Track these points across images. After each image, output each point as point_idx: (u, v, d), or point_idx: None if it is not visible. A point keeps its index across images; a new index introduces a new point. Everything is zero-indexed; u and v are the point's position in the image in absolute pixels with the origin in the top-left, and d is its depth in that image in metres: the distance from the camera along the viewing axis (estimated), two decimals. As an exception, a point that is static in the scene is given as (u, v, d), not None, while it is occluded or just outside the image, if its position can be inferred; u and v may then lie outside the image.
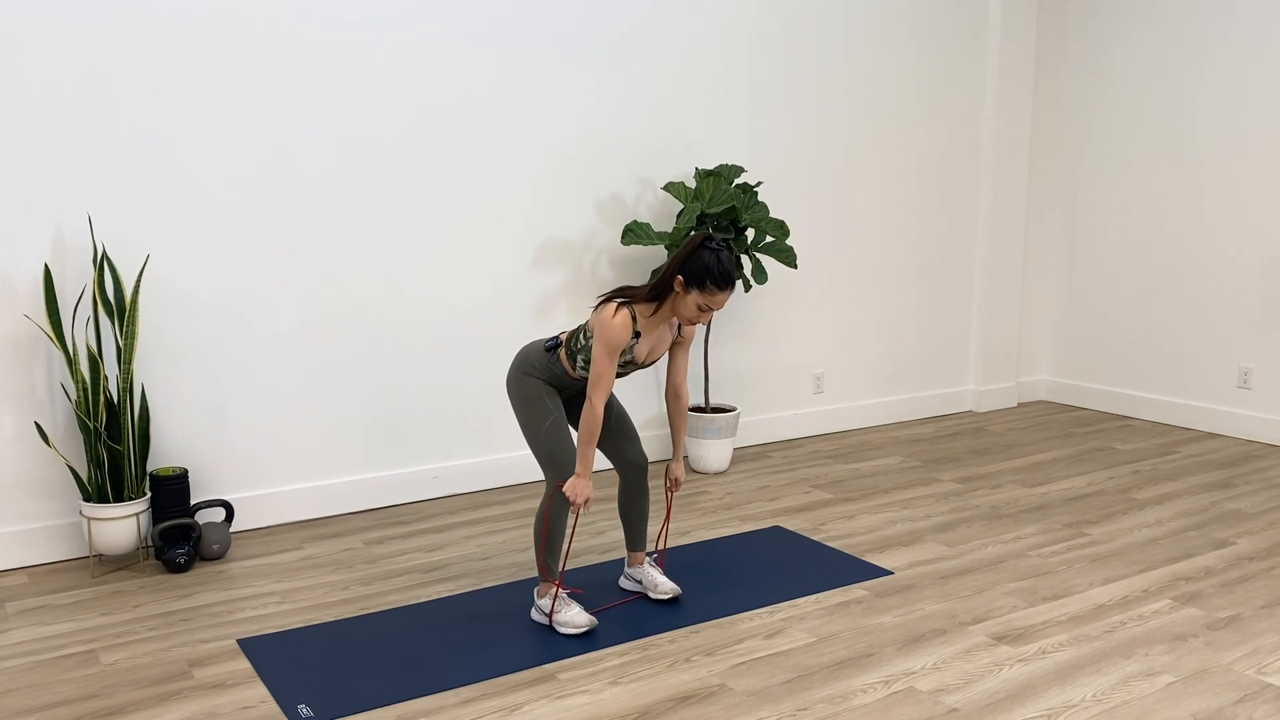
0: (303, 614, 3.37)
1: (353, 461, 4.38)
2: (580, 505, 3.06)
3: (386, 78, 4.24)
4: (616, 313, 3.00)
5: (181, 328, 3.96)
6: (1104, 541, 4.01)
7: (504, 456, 4.73)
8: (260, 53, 3.96)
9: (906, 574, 3.69)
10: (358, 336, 4.32)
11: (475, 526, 4.22)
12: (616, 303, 3.03)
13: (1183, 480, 4.82)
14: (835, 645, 3.13)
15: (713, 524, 4.25)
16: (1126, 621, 3.28)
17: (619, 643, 3.13)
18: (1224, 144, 5.52)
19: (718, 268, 2.97)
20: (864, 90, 5.55)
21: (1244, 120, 5.43)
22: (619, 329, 2.99)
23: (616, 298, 3.06)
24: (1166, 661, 3.01)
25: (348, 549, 3.97)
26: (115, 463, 3.68)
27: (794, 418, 5.60)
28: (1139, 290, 6.01)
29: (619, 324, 2.99)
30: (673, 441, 3.37)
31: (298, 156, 4.10)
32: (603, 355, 3.00)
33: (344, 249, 4.25)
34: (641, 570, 3.48)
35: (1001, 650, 3.08)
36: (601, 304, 3.06)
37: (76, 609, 3.41)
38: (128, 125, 3.77)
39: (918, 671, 2.95)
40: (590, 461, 3.06)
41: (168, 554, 3.70)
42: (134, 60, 3.75)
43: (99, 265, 3.65)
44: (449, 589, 3.57)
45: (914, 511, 4.39)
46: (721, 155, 5.13)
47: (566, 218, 4.76)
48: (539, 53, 4.57)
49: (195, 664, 3.02)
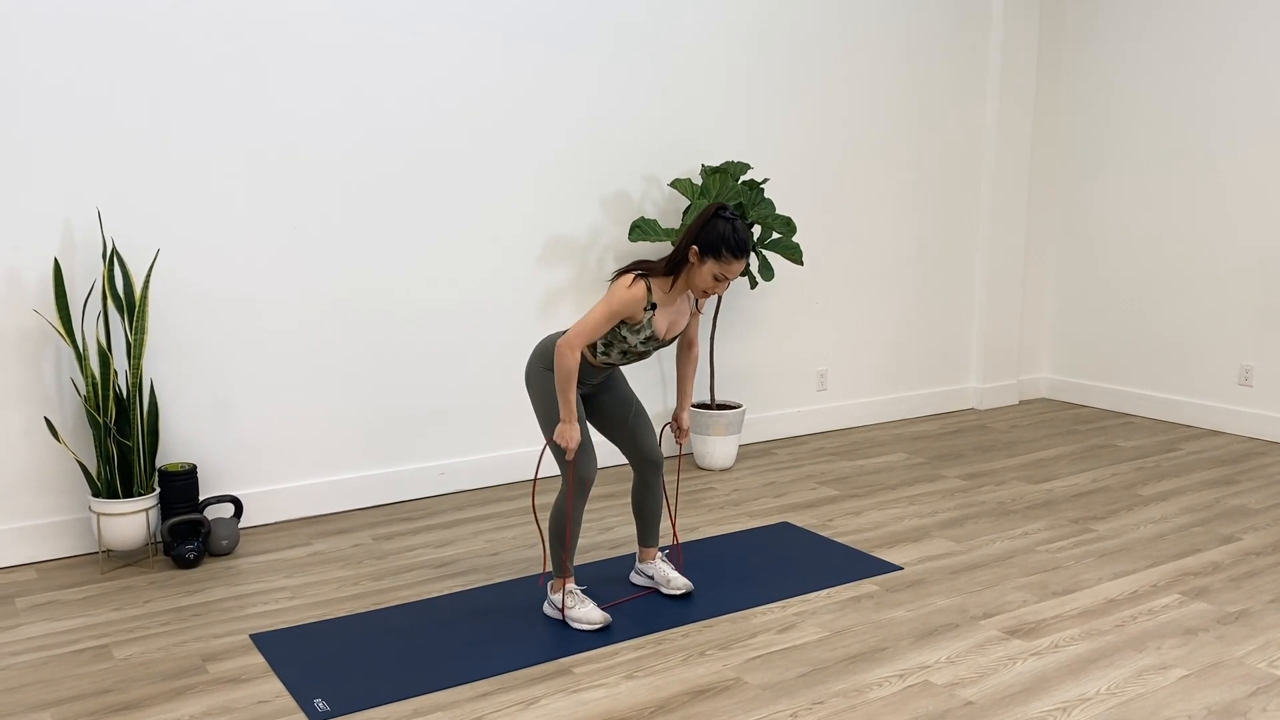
0: (314, 609, 3.37)
1: (360, 457, 4.38)
2: (572, 451, 3.05)
3: (392, 73, 4.23)
4: (633, 284, 3.00)
5: (190, 323, 3.96)
6: (1111, 537, 4.03)
7: (512, 452, 4.73)
8: (268, 48, 3.96)
9: (916, 569, 3.70)
10: (365, 332, 4.32)
11: (484, 522, 4.21)
12: (634, 275, 3.03)
13: (1186, 477, 4.84)
14: (848, 639, 3.14)
15: (720, 520, 4.25)
16: (1137, 616, 3.30)
17: (633, 637, 3.14)
18: (1225, 140, 5.55)
19: (733, 236, 2.97)
20: (868, 87, 5.56)
21: (1245, 118, 5.45)
22: (629, 298, 2.98)
23: (634, 270, 3.07)
24: (1178, 655, 3.03)
25: (356, 545, 3.96)
26: (124, 458, 3.67)
27: (798, 414, 5.61)
28: (1140, 288, 6.04)
29: (632, 294, 2.99)
30: (678, 390, 3.37)
31: (305, 151, 4.09)
32: (601, 314, 2.99)
33: (351, 243, 4.24)
34: (654, 565, 3.48)
35: (1014, 644, 3.09)
36: (618, 276, 3.07)
37: (87, 604, 3.40)
38: (136, 120, 3.76)
39: (932, 665, 2.96)
40: (573, 406, 3.04)
41: (177, 549, 3.70)
42: (142, 55, 3.74)
43: (109, 260, 3.64)
44: (460, 584, 3.57)
45: (921, 508, 4.40)
46: (727, 152, 5.14)
47: (572, 214, 4.76)
48: (541, 48, 4.57)
49: (209, 659, 3.02)
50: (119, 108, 3.72)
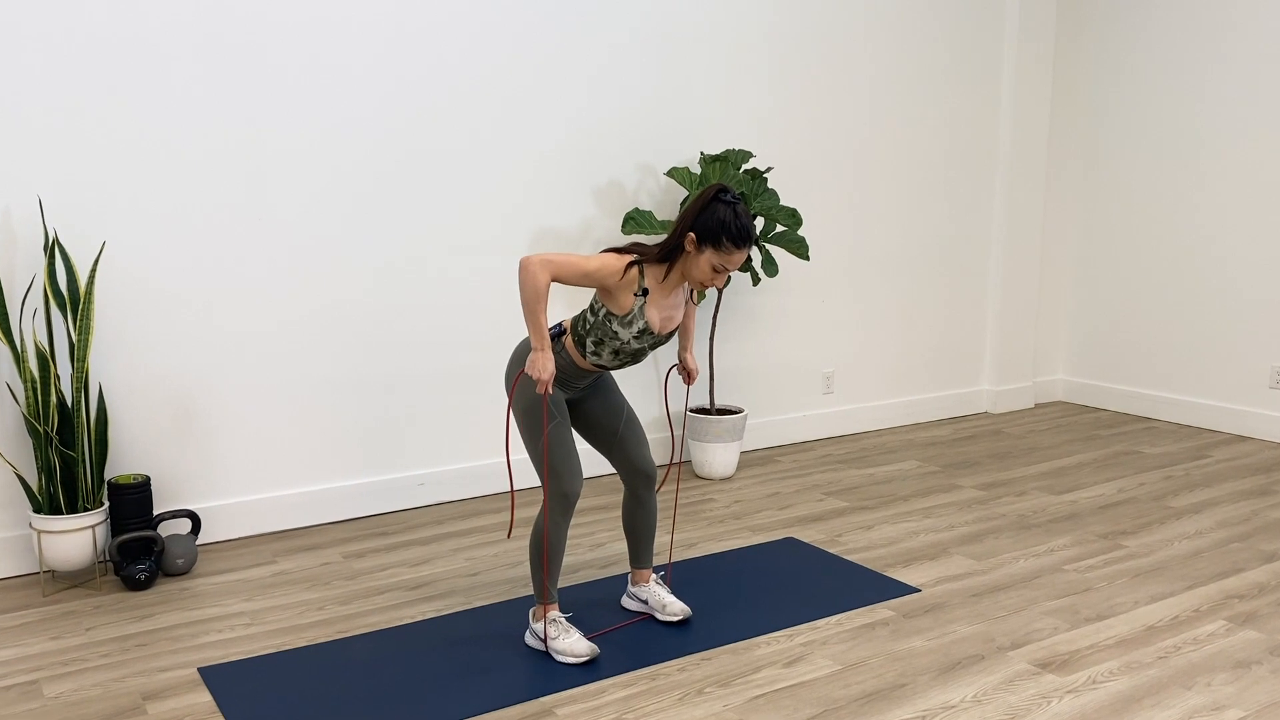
0: (274, 638, 3.05)
1: (331, 467, 4.05)
2: (547, 383, 2.69)
3: (371, 61, 3.92)
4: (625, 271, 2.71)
5: (143, 322, 3.64)
6: (1143, 554, 3.72)
7: (496, 462, 4.41)
8: (235, 25, 3.64)
9: (934, 591, 3.38)
10: (338, 331, 4.00)
11: (465, 538, 3.90)
12: (626, 259, 2.73)
13: (1218, 487, 4.53)
14: (863, 674, 2.82)
15: (720, 535, 3.94)
16: (1180, 646, 2.98)
17: (623, 671, 2.82)
18: (1251, 133, 5.23)
19: (735, 223, 2.65)
20: (879, 78, 5.24)
21: (1269, 109, 5.13)
22: (609, 263, 2.69)
23: (626, 251, 2.75)
24: (1231, 693, 2.71)
25: (325, 563, 3.65)
26: (69, 470, 3.35)
27: (803, 419, 5.30)
28: (1162, 286, 5.72)
29: (612, 263, 2.69)
30: (680, 335, 3.05)
31: (272, 137, 3.77)
32: (579, 258, 2.67)
33: (323, 238, 3.93)
34: (648, 589, 3.16)
35: (1047, 679, 2.78)
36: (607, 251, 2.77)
37: (22, 632, 3.09)
38: (82, 98, 3.45)
39: (957, 705, 2.65)
40: (544, 331, 2.69)
41: (127, 570, 3.38)
42: (86, 26, 3.42)
43: (49, 252, 3.32)
44: (435, 608, 3.25)
45: (936, 521, 4.08)
46: (728, 140, 4.82)
47: (560, 207, 4.44)
48: (529, 36, 4.25)
49: (149, 697, 2.70)
50: (62, 85, 3.41)
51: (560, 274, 2.65)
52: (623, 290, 2.72)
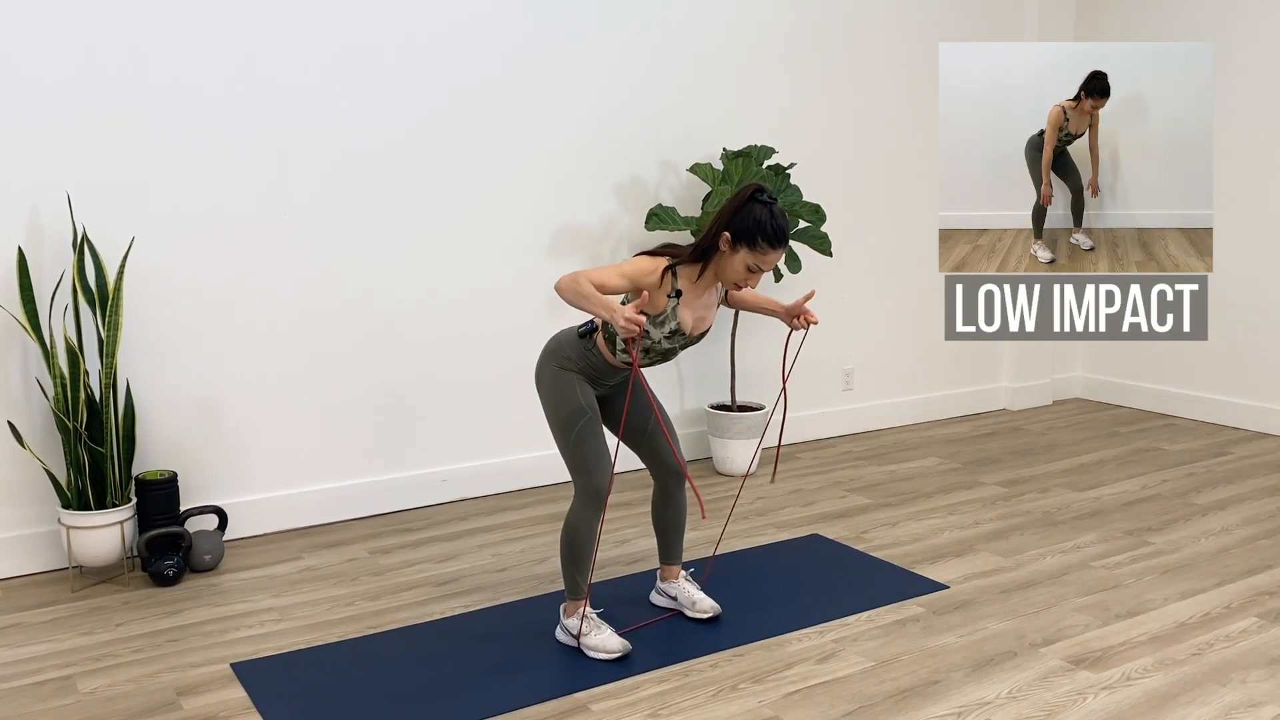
0: (303, 633, 3.05)
1: (356, 464, 4.05)
2: (640, 323, 2.52)
3: (393, 57, 3.91)
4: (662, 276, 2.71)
5: (170, 318, 3.64)
6: (1170, 551, 3.70)
7: (520, 458, 4.40)
8: (258, 27, 3.64)
9: (963, 588, 3.37)
10: (362, 328, 4.00)
11: (490, 534, 3.90)
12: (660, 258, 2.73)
13: (1242, 483, 4.51)
14: (896, 670, 2.81)
15: (746, 532, 3.93)
16: (1213, 642, 2.97)
17: (655, 667, 2.82)
18: (1259, 124, 5.21)
19: (770, 223, 2.65)
20: (900, 70, 5.23)
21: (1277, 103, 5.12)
22: (645, 266, 2.69)
23: (660, 254, 2.75)
24: (1267, 690, 2.70)
25: (352, 559, 3.65)
26: (97, 466, 3.35)
27: (822, 416, 5.29)
28: (1183, 282, 5.69)
29: (649, 266, 2.69)
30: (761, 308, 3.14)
31: (296, 136, 3.77)
32: (612, 269, 2.67)
33: (347, 234, 3.93)
34: (677, 585, 3.16)
35: (1081, 676, 2.77)
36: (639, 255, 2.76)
37: (53, 628, 3.09)
38: (111, 98, 3.45)
39: (992, 701, 2.64)
40: (603, 299, 2.59)
41: (155, 566, 3.38)
42: (117, 32, 3.42)
43: (79, 249, 3.33)
44: (463, 604, 3.25)
45: (961, 518, 4.07)
46: (749, 136, 4.80)
47: (584, 203, 4.43)
48: (551, 29, 4.25)
49: (183, 692, 2.70)
50: (91, 85, 3.41)
51: (594, 279, 2.64)
52: (657, 292, 2.72)
